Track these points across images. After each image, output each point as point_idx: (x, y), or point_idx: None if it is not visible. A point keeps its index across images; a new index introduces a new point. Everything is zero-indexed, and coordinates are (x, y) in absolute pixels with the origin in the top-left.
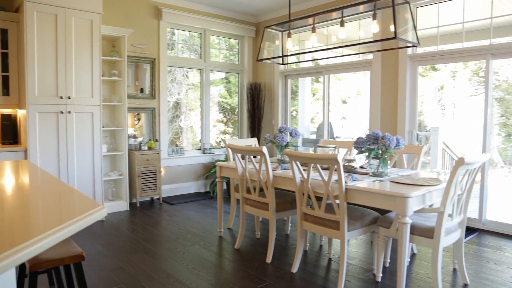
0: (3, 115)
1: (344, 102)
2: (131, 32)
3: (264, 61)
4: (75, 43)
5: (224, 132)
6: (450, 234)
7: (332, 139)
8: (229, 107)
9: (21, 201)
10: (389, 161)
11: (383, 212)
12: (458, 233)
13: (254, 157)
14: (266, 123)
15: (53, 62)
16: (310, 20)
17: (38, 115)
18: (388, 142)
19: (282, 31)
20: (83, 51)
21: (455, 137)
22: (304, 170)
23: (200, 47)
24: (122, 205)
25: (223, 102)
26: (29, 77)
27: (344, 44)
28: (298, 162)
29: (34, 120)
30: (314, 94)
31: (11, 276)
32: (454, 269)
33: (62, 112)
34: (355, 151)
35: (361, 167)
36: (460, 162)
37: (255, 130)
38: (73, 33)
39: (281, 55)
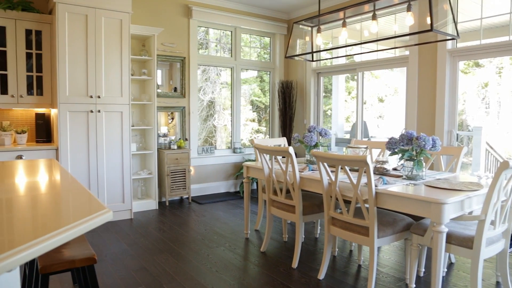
0: (37, 114)
1: (381, 100)
2: (160, 31)
3: (294, 58)
4: (104, 43)
5: (258, 131)
6: (492, 245)
7: (366, 139)
8: (263, 106)
9: (24, 202)
10: (424, 163)
11: (417, 218)
12: (501, 243)
13: (283, 157)
14: (297, 122)
15: (83, 62)
16: (341, 14)
17: (69, 114)
18: (423, 142)
19: (312, 27)
20: (113, 51)
21: (500, 138)
22: (332, 171)
23: (231, 45)
24: (151, 204)
25: (256, 101)
26: (60, 77)
27: (378, 39)
28: (325, 164)
29: (65, 119)
30: (349, 93)
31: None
32: (497, 282)
33: (92, 111)
34: (388, 152)
35: (394, 169)
36: (504, 165)
37: (286, 129)
38: (102, 33)
39: (310, 51)
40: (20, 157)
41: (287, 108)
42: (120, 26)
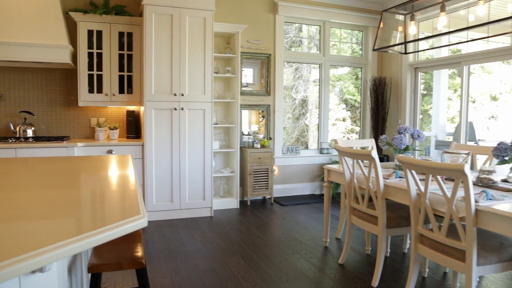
0: (128, 111)
1: (494, 98)
2: (244, 28)
3: (388, 51)
4: (188, 41)
5: (352, 131)
6: None
7: (473, 143)
8: (358, 105)
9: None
10: None
11: None
12: None
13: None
14: (391, 123)
15: (168, 61)
16: None
17: (154, 112)
18: None
19: (405, 14)
20: (196, 49)
21: None
22: (422, 180)
23: (319, 41)
24: (232, 203)
25: (351, 99)
26: (146, 76)
27: (489, 21)
28: (413, 171)
29: (151, 116)
30: (455, 90)
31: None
32: None
33: (175, 109)
34: (496, 160)
35: (504, 181)
36: None
37: (378, 129)
38: (187, 32)
39: (402, 41)
40: (110, 151)
41: (380, 107)
42: (204, 25)
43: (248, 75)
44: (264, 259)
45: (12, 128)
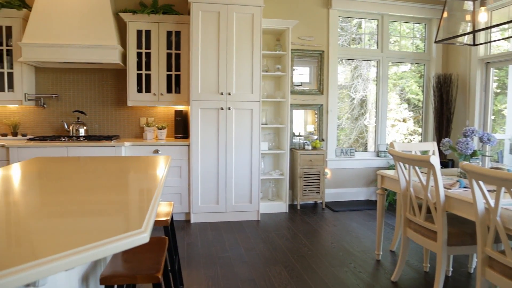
0: (176, 111)
1: None
2: (294, 24)
3: (450, 43)
4: (236, 39)
5: (414, 133)
6: None
7: None
8: (421, 105)
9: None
10: None
11: None
12: None
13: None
14: (457, 124)
15: (215, 59)
16: None
17: (200, 111)
18: None
19: (473, 0)
20: (244, 47)
21: None
22: (492, 191)
23: (377, 36)
24: (281, 207)
25: (413, 98)
26: (193, 75)
27: None
28: (481, 182)
29: (197, 116)
30: None
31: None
32: None
33: (222, 109)
34: None
35: None
36: None
37: (442, 132)
38: (234, 29)
39: (471, 31)
40: (156, 151)
41: (444, 107)
42: (252, 21)
43: (304, 74)
44: (309, 270)
45: (66, 127)
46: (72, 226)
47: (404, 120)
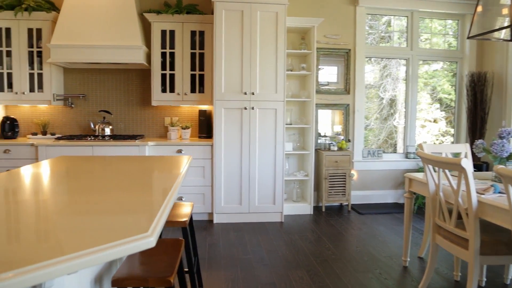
0: (200, 111)
1: None
2: (320, 22)
3: (484, 38)
4: (259, 38)
5: (446, 133)
6: None
7: None
8: (454, 104)
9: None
10: None
11: None
12: None
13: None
14: (492, 125)
15: (238, 58)
16: None
17: (224, 111)
18: None
19: None
20: (267, 46)
21: None
22: None
23: (406, 33)
24: (305, 208)
25: (446, 98)
26: (216, 74)
27: None
28: None
29: (220, 116)
30: None
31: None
32: None
33: (245, 108)
34: None
35: None
36: None
37: (475, 133)
38: (258, 28)
39: (508, 25)
40: (180, 151)
41: (478, 107)
42: (276, 19)
43: (332, 73)
44: (332, 276)
45: (92, 126)
46: (82, 226)
47: (435, 121)
